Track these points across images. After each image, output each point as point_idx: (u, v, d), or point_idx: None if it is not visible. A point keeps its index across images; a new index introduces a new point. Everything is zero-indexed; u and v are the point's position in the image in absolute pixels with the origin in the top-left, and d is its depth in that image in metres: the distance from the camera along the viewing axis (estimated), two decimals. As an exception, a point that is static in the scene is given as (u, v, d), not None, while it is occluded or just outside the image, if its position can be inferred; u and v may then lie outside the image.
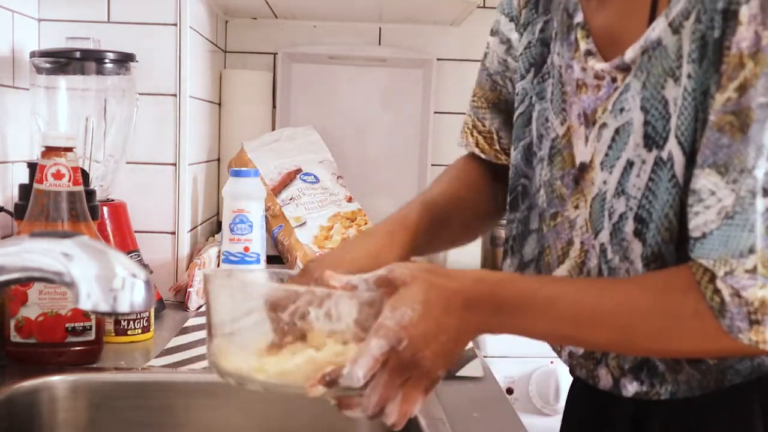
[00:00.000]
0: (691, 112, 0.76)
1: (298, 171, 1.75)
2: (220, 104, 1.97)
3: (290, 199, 1.69)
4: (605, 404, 0.92)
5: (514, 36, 1.01)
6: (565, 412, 1.03)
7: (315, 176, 1.75)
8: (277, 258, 1.66)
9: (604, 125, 0.84)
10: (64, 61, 1.35)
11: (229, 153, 1.89)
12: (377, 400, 0.72)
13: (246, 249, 1.54)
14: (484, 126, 1.05)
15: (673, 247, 0.78)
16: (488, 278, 0.78)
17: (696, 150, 0.75)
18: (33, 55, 1.36)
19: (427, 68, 2.06)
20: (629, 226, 0.81)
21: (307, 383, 0.72)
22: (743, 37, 0.71)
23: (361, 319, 0.74)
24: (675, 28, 0.77)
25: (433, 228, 0.96)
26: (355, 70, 2.06)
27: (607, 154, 0.83)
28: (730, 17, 0.72)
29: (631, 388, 0.86)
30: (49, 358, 1.09)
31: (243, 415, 1.08)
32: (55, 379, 1.06)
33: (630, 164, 0.81)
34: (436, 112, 2.06)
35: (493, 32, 1.04)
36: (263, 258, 1.57)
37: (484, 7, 2.01)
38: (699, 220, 0.73)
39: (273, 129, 2.03)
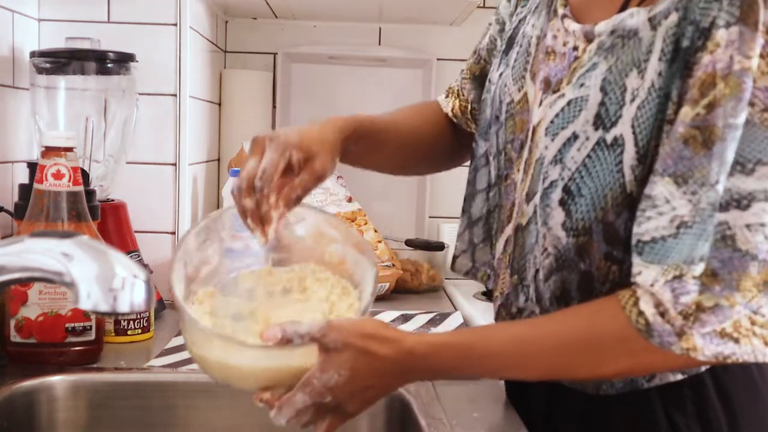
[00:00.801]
0: (652, 108, 0.80)
1: (298, 171, 1.75)
2: (220, 104, 1.97)
3: (290, 199, 1.68)
4: (525, 391, 1.00)
5: (508, 19, 1.08)
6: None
7: (315, 176, 1.75)
8: (277, 258, 1.65)
9: (562, 95, 0.88)
10: (64, 61, 1.35)
11: (229, 153, 1.89)
12: (305, 423, 0.82)
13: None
14: (463, 94, 1.14)
15: (602, 227, 0.84)
16: (420, 349, 0.83)
17: (650, 147, 0.81)
18: (33, 55, 1.36)
19: (427, 68, 2.06)
20: (556, 195, 0.86)
21: (254, 392, 0.82)
22: (719, 58, 0.76)
23: (297, 366, 0.81)
24: (654, 25, 0.82)
25: (367, 140, 1.01)
26: (355, 70, 2.06)
27: (552, 122, 0.88)
28: (706, 35, 0.77)
29: None
30: (49, 358, 1.09)
31: (243, 415, 1.09)
32: (55, 379, 1.06)
33: (574, 137, 0.85)
34: (436, 112, 2.06)
35: (496, 14, 1.12)
36: (263, 258, 1.57)
37: (484, 7, 2.01)
38: (650, 225, 0.78)
39: (273, 129, 2.03)
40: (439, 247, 1.86)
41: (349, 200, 1.74)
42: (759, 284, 0.75)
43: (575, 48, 0.89)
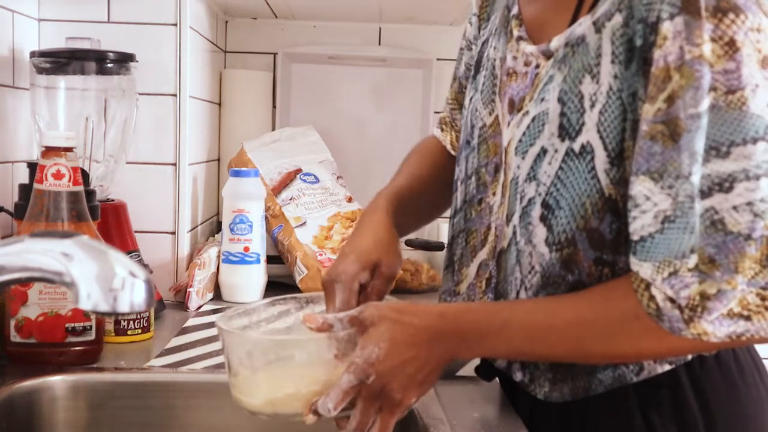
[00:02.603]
0: (615, 111, 0.81)
1: (298, 171, 1.75)
2: (220, 104, 1.97)
3: (290, 199, 1.69)
4: (510, 395, 1.02)
5: (473, 42, 1.10)
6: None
7: (315, 176, 1.75)
8: (277, 258, 1.66)
9: (526, 113, 0.89)
10: (64, 61, 1.35)
11: (229, 153, 1.89)
12: (356, 425, 0.81)
13: (246, 249, 1.54)
14: (456, 125, 1.15)
15: (585, 235, 0.84)
16: (449, 312, 0.86)
17: (624, 148, 0.81)
18: (33, 55, 1.36)
19: (427, 68, 2.06)
20: (536, 211, 0.87)
21: (303, 412, 0.83)
22: (669, 51, 0.76)
23: (340, 355, 0.83)
24: (598, 28, 0.83)
25: (405, 211, 1.05)
26: (355, 70, 2.06)
27: (520, 140, 0.89)
28: (654, 30, 0.77)
29: (519, 374, 0.95)
30: (49, 358, 1.09)
31: (243, 415, 1.08)
32: (55, 379, 1.06)
33: (543, 152, 0.86)
34: (435, 112, 2.06)
35: (464, 37, 1.14)
36: (263, 258, 1.57)
37: (484, 7, 2.01)
38: (637, 225, 0.79)
39: (273, 129, 2.03)
40: (439, 247, 1.86)
41: (349, 200, 1.74)
42: (761, 260, 0.75)
43: (537, 66, 0.90)
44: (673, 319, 0.77)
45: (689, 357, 0.89)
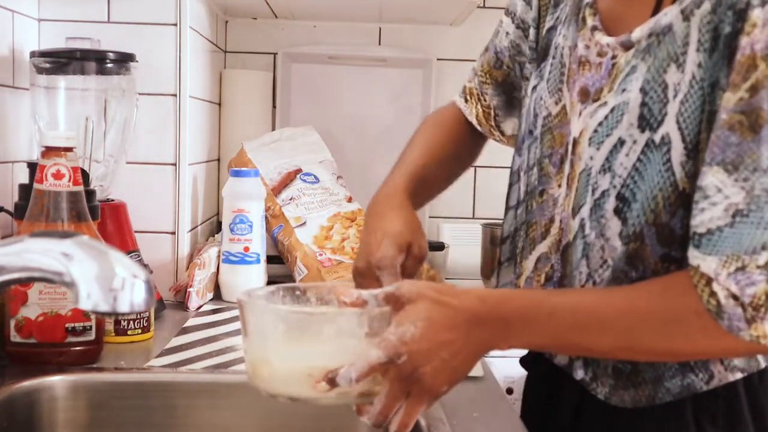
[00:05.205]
0: (696, 101, 0.78)
1: (298, 171, 1.75)
2: (220, 104, 1.97)
3: (290, 199, 1.68)
4: (556, 392, 0.98)
5: (531, 24, 1.05)
6: (523, 393, 1.09)
7: (315, 176, 1.75)
8: (277, 258, 1.66)
9: (604, 104, 0.86)
10: (64, 61, 1.35)
11: (229, 153, 1.89)
12: (380, 409, 0.77)
13: (246, 249, 1.54)
14: (485, 100, 1.12)
15: (654, 230, 0.81)
16: (491, 296, 0.82)
17: (700, 141, 0.78)
18: (33, 55, 1.36)
19: (427, 68, 2.06)
20: (610, 204, 0.84)
21: (313, 380, 0.77)
22: (757, 39, 0.73)
23: (371, 333, 0.78)
24: (686, 15, 0.80)
25: (421, 190, 1.06)
26: (355, 70, 2.06)
27: (596, 131, 0.85)
28: (743, 17, 0.74)
29: (581, 372, 0.91)
30: (49, 358, 1.09)
31: (243, 415, 1.08)
32: (55, 379, 1.06)
33: (621, 143, 0.83)
34: (436, 112, 2.05)
35: (509, 13, 1.09)
36: (263, 258, 1.57)
37: (484, 7, 2.01)
38: (705, 216, 0.75)
39: (273, 129, 2.03)
40: (439, 247, 1.86)
41: (349, 200, 1.74)
42: None
43: (614, 56, 0.87)
44: (734, 317, 0.73)
45: (762, 365, 0.86)
